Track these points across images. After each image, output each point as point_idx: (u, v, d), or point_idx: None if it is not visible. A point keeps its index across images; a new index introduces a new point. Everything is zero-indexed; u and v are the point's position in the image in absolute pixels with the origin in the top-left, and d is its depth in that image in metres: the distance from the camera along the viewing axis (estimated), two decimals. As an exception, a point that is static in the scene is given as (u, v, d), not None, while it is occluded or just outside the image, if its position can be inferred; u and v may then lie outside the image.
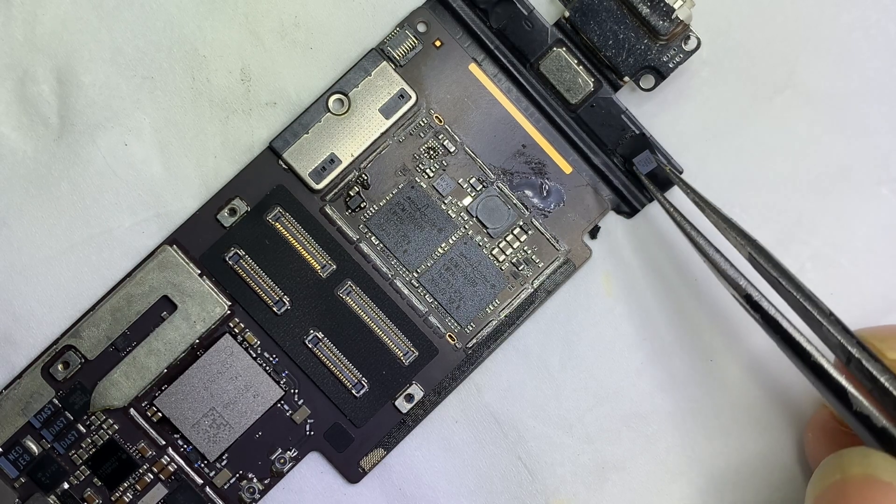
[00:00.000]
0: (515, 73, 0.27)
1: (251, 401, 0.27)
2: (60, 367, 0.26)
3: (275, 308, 0.27)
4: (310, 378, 0.27)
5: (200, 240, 0.27)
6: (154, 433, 0.27)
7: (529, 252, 0.28)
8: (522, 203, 0.28)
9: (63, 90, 0.27)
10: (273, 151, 0.27)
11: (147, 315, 0.27)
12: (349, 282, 0.27)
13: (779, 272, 0.23)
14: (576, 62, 0.27)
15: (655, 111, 0.28)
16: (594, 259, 0.28)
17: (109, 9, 0.27)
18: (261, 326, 0.27)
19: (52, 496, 0.26)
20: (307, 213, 0.27)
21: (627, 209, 0.28)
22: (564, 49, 0.27)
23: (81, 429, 0.27)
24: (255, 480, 0.27)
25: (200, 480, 0.27)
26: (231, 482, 0.27)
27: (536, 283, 0.27)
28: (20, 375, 0.27)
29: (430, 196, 0.27)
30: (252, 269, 0.27)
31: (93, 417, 0.27)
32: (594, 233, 0.28)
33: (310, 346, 0.27)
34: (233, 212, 0.27)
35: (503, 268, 0.27)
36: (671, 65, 0.26)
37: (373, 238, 0.27)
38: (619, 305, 0.28)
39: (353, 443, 0.27)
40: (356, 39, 0.28)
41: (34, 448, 0.26)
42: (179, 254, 0.27)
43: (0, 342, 0.27)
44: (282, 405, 0.27)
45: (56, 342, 0.27)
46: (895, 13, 0.28)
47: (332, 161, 0.27)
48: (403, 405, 0.27)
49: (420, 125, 0.27)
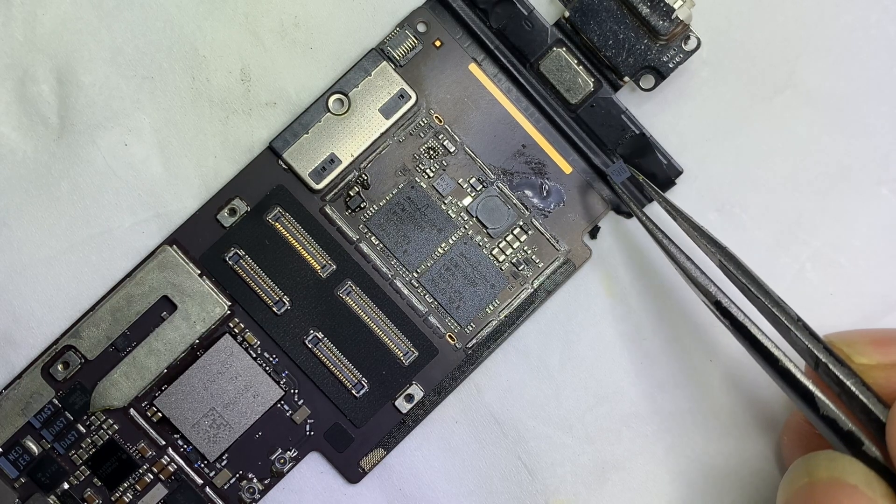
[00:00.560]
0: (515, 73, 0.27)
1: (251, 401, 0.27)
2: (60, 368, 0.26)
3: (275, 308, 0.27)
4: (310, 378, 0.27)
5: (200, 240, 0.27)
6: (154, 433, 0.27)
7: (529, 252, 0.28)
8: (522, 203, 0.27)
9: (63, 90, 0.27)
10: (273, 151, 0.27)
11: (147, 315, 0.27)
12: (349, 282, 0.27)
13: (748, 279, 0.23)
14: (576, 62, 0.27)
15: (655, 111, 0.28)
16: (594, 259, 0.28)
17: (109, 9, 0.27)
18: (261, 326, 0.27)
19: (52, 496, 0.26)
20: (307, 214, 0.27)
21: (627, 209, 0.28)
22: (564, 49, 0.27)
23: (81, 429, 0.27)
24: (255, 480, 0.27)
25: (200, 480, 0.27)
26: (231, 482, 0.27)
27: (536, 283, 0.27)
28: (20, 375, 0.27)
29: (430, 196, 0.27)
30: (252, 269, 0.27)
31: (93, 417, 0.27)
32: (594, 233, 0.28)
33: (310, 347, 0.27)
34: (233, 212, 0.27)
35: (503, 268, 0.27)
36: (671, 65, 0.26)
37: (373, 238, 0.27)
38: (619, 305, 0.28)
39: (353, 443, 0.27)
40: (356, 39, 0.28)
41: (34, 448, 0.26)
42: (179, 254, 0.27)
43: (0, 342, 0.27)
44: (282, 405, 0.27)
45: (56, 342, 0.27)
46: (895, 13, 0.28)
47: (332, 161, 0.27)
48: (403, 405, 0.27)
49: (420, 125, 0.27)
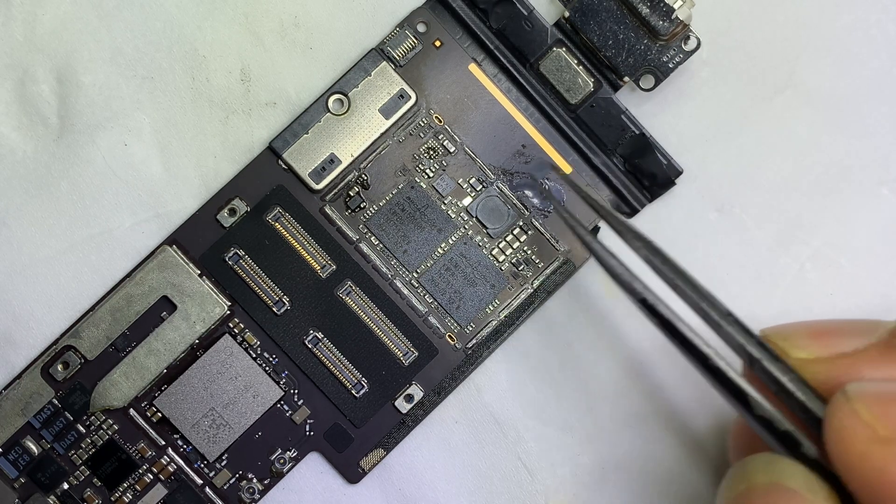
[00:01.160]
0: (515, 73, 0.27)
1: (251, 401, 0.27)
2: (60, 368, 0.26)
3: (274, 308, 0.27)
4: (309, 378, 0.27)
5: (200, 240, 0.27)
6: (154, 433, 0.27)
7: (529, 252, 0.28)
8: (522, 203, 0.27)
9: (63, 90, 0.27)
10: (273, 151, 0.27)
11: (147, 315, 0.27)
12: (349, 282, 0.27)
13: (675, 273, 0.22)
14: (576, 62, 0.27)
15: (655, 111, 0.28)
16: (594, 259, 0.28)
17: (109, 9, 0.27)
18: (260, 327, 0.27)
19: (52, 496, 0.26)
20: (307, 214, 0.27)
21: (627, 209, 0.28)
22: (564, 49, 0.27)
23: (81, 429, 0.27)
24: (255, 481, 0.27)
25: (200, 481, 0.27)
26: (231, 482, 0.27)
27: (536, 283, 0.27)
28: (20, 376, 0.27)
29: (430, 196, 0.27)
30: (252, 270, 0.27)
31: (92, 418, 0.27)
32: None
33: (309, 347, 0.27)
34: (232, 212, 0.27)
35: (503, 268, 0.27)
36: (671, 65, 0.26)
37: (372, 238, 0.27)
38: (619, 306, 0.28)
39: (353, 443, 0.27)
40: (356, 39, 0.28)
41: (34, 448, 0.26)
42: (179, 254, 0.27)
43: (0, 342, 0.27)
44: (281, 405, 0.27)
45: (56, 342, 0.27)
46: (895, 13, 0.28)
47: (332, 161, 0.27)
48: (403, 405, 0.27)
49: (420, 125, 0.27)
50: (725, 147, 0.28)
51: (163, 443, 0.27)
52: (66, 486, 0.27)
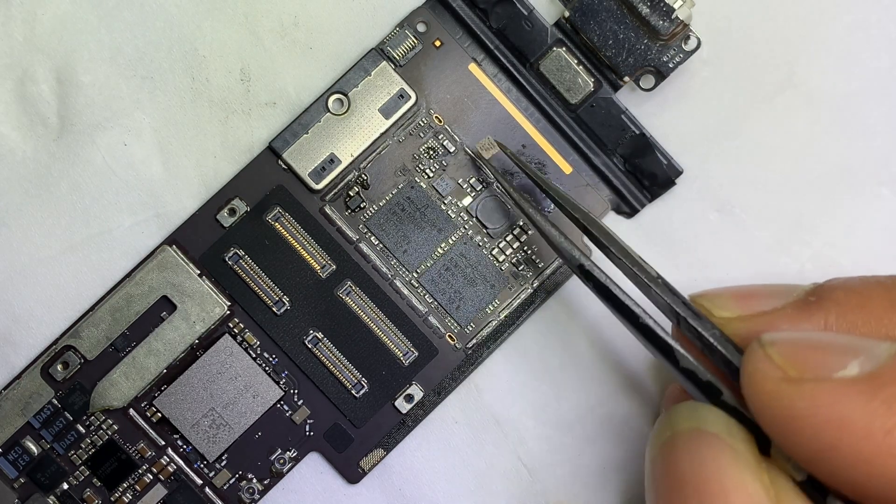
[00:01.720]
0: (515, 73, 0.27)
1: (251, 401, 0.27)
2: (60, 368, 0.26)
3: (274, 308, 0.27)
4: (309, 378, 0.27)
5: (200, 240, 0.27)
6: (153, 433, 0.27)
7: (529, 252, 0.28)
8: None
9: (62, 90, 0.27)
10: (273, 151, 0.27)
11: (146, 315, 0.27)
12: (349, 282, 0.27)
13: (608, 240, 0.24)
14: (576, 62, 0.27)
15: (656, 111, 0.28)
16: (594, 259, 0.28)
17: (109, 9, 0.27)
18: (260, 327, 0.27)
19: (52, 496, 0.26)
20: (307, 214, 0.27)
21: (627, 209, 0.28)
22: (564, 49, 0.27)
23: (81, 429, 0.27)
24: (255, 481, 0.27)
25: (200, 481, 0.27)
26: (230, 482, 0.27)
27: (536, 283, 0.27)
28: (19, 376, 0.27)
29: (430, 196, 0.27)
30: (252, 270, 0.27)
31: (92, 418, 0.27)
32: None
33: (309, 347, 0.27)
34: (232, 212, 0.27)
35: (503, 268, 0.27)
36: (671, 65, 0.26)
37: (372, 238, 0.27)
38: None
39: (353, 443, 0.27)
40: (356, 39, 0.28)
41: (34, 448, 0.26)
42: (179, 254, 0.27)
43: (0, 342, 0.27)
44: (281, 405, 0.27)
45: (55, 342, 0.27)
46: None
47: (332, 161, 0.27)
48: (403, 405, 0.27)
49: (420, 125, 0.27)
50: (726, 147, 0.28)
51: (163, 443, 0.27)
52: (66, 487, 0.27)
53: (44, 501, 0.26)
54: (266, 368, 0.27)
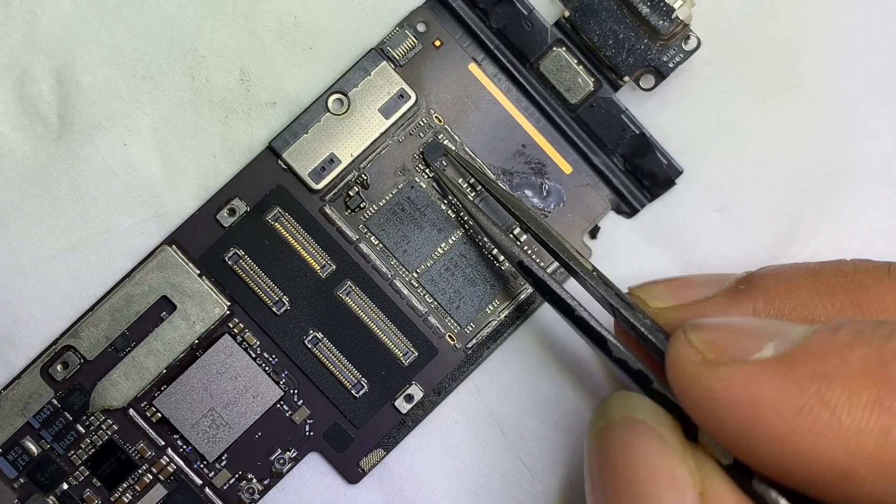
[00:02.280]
0: (515, 73, 0.27)
1: (251, 401, 0.27)
2: (60, 368, 0.26)
3: (274, 308, 0.27)
4: (309, 378, 0.27)
5: (200, 240, 0.27)
6: (153, 433, 0.27)
7: (529, 252, 0.27)
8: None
9: (62, 90, 0.27)
10: (272, 151, 0.27)
11: (146, 315, 0.27)
12: (349, 282, 0.27)
13: (547, 236, 0.25)
14: (576, 62, 0.27)
15: (656, 111, 0.28)
16: (594, 259, 0.28)
17: (109, 8, 0.27)
18: (260, 327, 0.27)
19: (52, 497, 0.26)
20: (307, 213, 0.27)
21: (627, 209, 0.28)
22: (564, 49, 0.27)
23: (81, 429, 0.27)
24: (255, 481, 0.27)
25: (200, 481, 0.27)
26: (230, 482, 0.27)
27: (536, 284, 0.27)
28: (19, 376, 0.27)
29: (430, 196, 0.27)
30: (251, 270, 0.27)
31: (92, 418, 0.27)
32: (594, 233, 0.28)
33: (309, 347, 0.27)
34: (232, 212, 0.27)
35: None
36: (671, 65, 0.26)
37: (372, 238, 0.27)
38: (619, 306, 0.28)
39: (353, 443, 0.27)
40: (356, 39, 0.28)
41: (33, 448, 0.26)
42: (179, 254, 0.27)
43: (0, 342, 0.27)
44: (281, 405, 0.27)
45: (55, 342, 0.27)
46: (897, 13, 0.28)
47: (332, 161, 0.27)
48: (403, 405, 0.27)
49: (420, 125, 0.27)
50: (726, 147, 0.28)
51: (162, 443, 0.27)
52: (66, 487, 0.27)
53: (44, 501, 0.26)
54: (266, 368, 0.27)
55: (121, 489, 0.27)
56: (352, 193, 0.27)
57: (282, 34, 0.28)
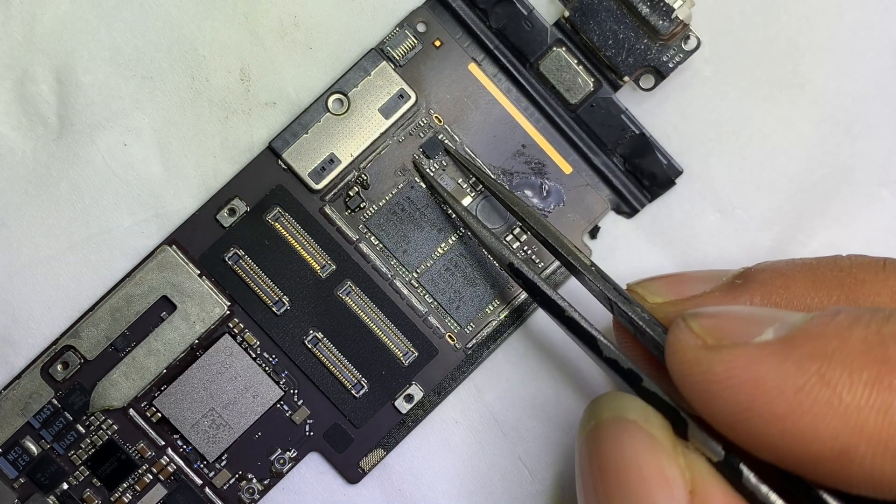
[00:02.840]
0: (515, 73, 0.27)
1: (251, 401, 0.27)
2: (60, 368, 0.26)
3: (274, 308, 0.27)
4: (309, 378, 0.27)
5: (200, 240, 0.27)
6: (153, 433, 0.27)
7: (529, 252, 0.27)
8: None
9: (62, 90, 0.27)
10: (272, 151, 0.27)
11: (146, 315, 0.27)
12: (349, 282, 0.27)
13: (546, 232, 0.25)
14: (576, 62, 0.27)
15: (656, 111, 0.28)
16: (594, 259, 0.28)
17: (109, 8, 0.27)
18: (260, 327, 0.27)
19: (52, 496, 0.26)
20: (307, 214, 0.27)
21: (627, 209, 0.28)
22: (564, 49, 0.27)
23: (81, 429, 0.27)
24: (255, 481, 0.27)
25: (200, 481, 0.27)
26: (230, 482, 0.27)
27: (536, 284, 0.27)
28: (19, 376, 0.27)
29: (430, 196, 0.27)
30: (251, 270, 0.27)
31: (92, 418, 0.27)
32: (594, 233, 0.28)
33: (309, 347, 0.27)
34: (232, 212, 0.27)
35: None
36: (671, 64, 0.26)
37: (372, 238, 0.27)
38: (620, 306, 0.28)
39: (353, 443, 0.27)
40: (356, 39, 0.28)
41: (33, 448, 0.26)
42: (179, 254, 0.27)
43: (0, 342, 0.27)
44: (281, 405, 0.27)
45: (55, 342, 0.27)
46: (897, 13, 0.28)
47: (332, 161, 0.27)
48: (403, 405, 0.27)
49: (420, 125, 0.27)
50: (727, 147, 0.28)
51: (162, 443, 0.27)
52: (66, 487, 0.27)
53: (44, 501, 0.26)
54: (266, 368, 0.27)
55: (121, 489, 0.27)
56: (352, 193, 0.27)
57: (282, 34, 0.28)
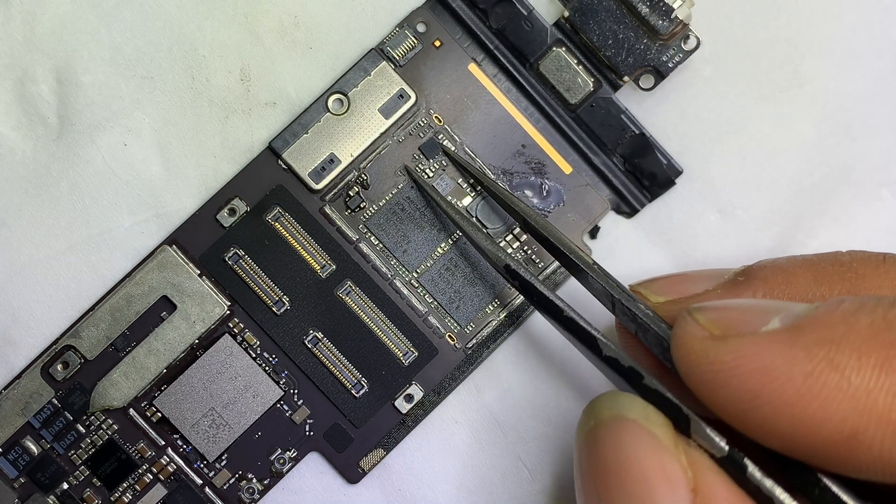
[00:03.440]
0: (515, 73, 0.27)
1: (251, 401, 0.27)
2: (60, 368, 0.26)
3: (274, 308, 0.27)
4: (309, 378, 0.27)
5: (200, 240, 0.27)
6: (153, 433, 0.27)
7: (529, 252, 0.27)
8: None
9: (62, 90, 0.27)
10: (272, 151, 0.27)
11: (146, 315, 0.27)
12: (349, 282, 0.27)
13: (548, 231, 0.25)
14: (575, 62, 0.27)
15: (656, 111, 0.28)
16: (594, 259, 0.28)
17: (109, 8, 0.27)
18: (260, 326, 0.27)
19: (52, 496, 0.27)
20: (307, 213, 0.27)
21: (627, 209, 0.28)
22: (564, 49, 0.27)
23: (81, 429, 0.27)
24: (255, 481, 0.27)
25: (200, 481, 0.27)
26: (230, 482, 0.27)
27: (536, 284, 0.27)
28: (20, 375, 0.27)
29: (426, 201, 0.27)
30: (251, 269, 0.27)
31: (92, 418, 0.27)
32: (594, 233, 0.28)
33: (309, 347, 0.27)
34: (232, 212, 0.27)
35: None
36: (671, 64, 0.26)
37: (372, 238, 0.27)
38: (619, 306, 0.28)
39: (353, 443, 0.27)
40: (356, 39, 0.28)
41: (34, 448, 0.26)
42: (179, 254, 0.27)
43: (0, 342, 0.27)
44: (281, 405, 0.27)
45: (55, 342, 0.27)
46: (897, 13, 0.28)
47: (332, 161, 0.27)
48: (403, 405, 0.27)
49: (420, 125, 0.27)
50: (727, 147, 0.28)
51: (162, 443, 0.27)
52: (66, 486, 0.27)
53: (44, 501, 0.26)
54: (266, 368, 0.27)
55: (121, 489, 0.27)
56: (352, 193, 0.27)
57: (282, 34, 0.28)
